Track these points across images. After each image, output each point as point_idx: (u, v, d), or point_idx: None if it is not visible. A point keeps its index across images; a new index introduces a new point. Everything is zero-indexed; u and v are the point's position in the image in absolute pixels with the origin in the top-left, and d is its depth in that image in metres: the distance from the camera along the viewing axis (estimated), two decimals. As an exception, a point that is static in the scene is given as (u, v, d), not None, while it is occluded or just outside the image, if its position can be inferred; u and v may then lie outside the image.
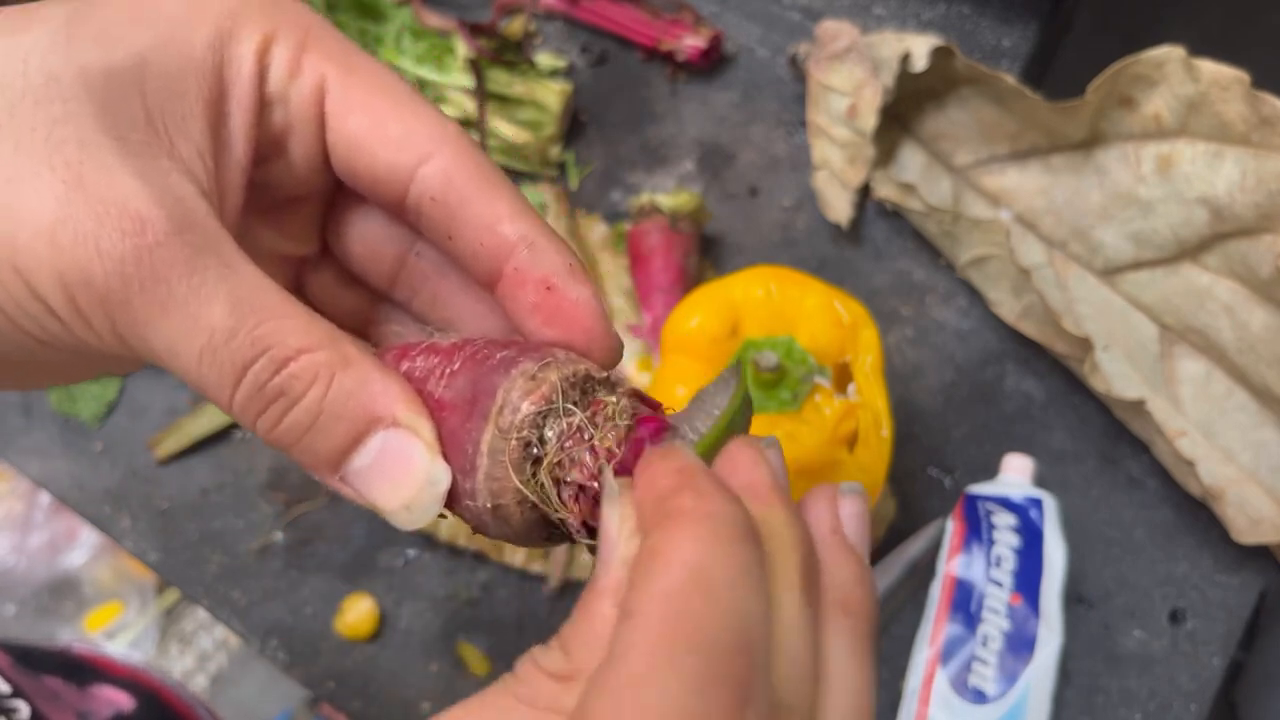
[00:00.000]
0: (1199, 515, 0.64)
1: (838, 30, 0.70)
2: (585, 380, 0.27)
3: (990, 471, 0.63)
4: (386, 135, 0.27)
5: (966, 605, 0.58)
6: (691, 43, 0.74)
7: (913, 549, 0.61)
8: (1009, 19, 0.74)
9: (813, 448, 0.52)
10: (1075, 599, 0.63)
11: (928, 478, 0.66)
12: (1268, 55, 0.60)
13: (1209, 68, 0.57)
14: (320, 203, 0.31)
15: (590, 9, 0.76)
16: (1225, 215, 0.59)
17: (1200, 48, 0.57)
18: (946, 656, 0.57)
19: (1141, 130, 0.61)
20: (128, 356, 0.26)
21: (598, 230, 0.71)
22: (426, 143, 0.28)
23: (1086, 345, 0.61)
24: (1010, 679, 0.56)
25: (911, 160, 0.70)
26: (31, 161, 0.24)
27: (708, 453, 0.26)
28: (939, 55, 0.65)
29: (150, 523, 0.69)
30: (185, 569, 0.68)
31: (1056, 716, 0.60)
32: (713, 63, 0.75)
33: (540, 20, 0.78)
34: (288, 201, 0.31)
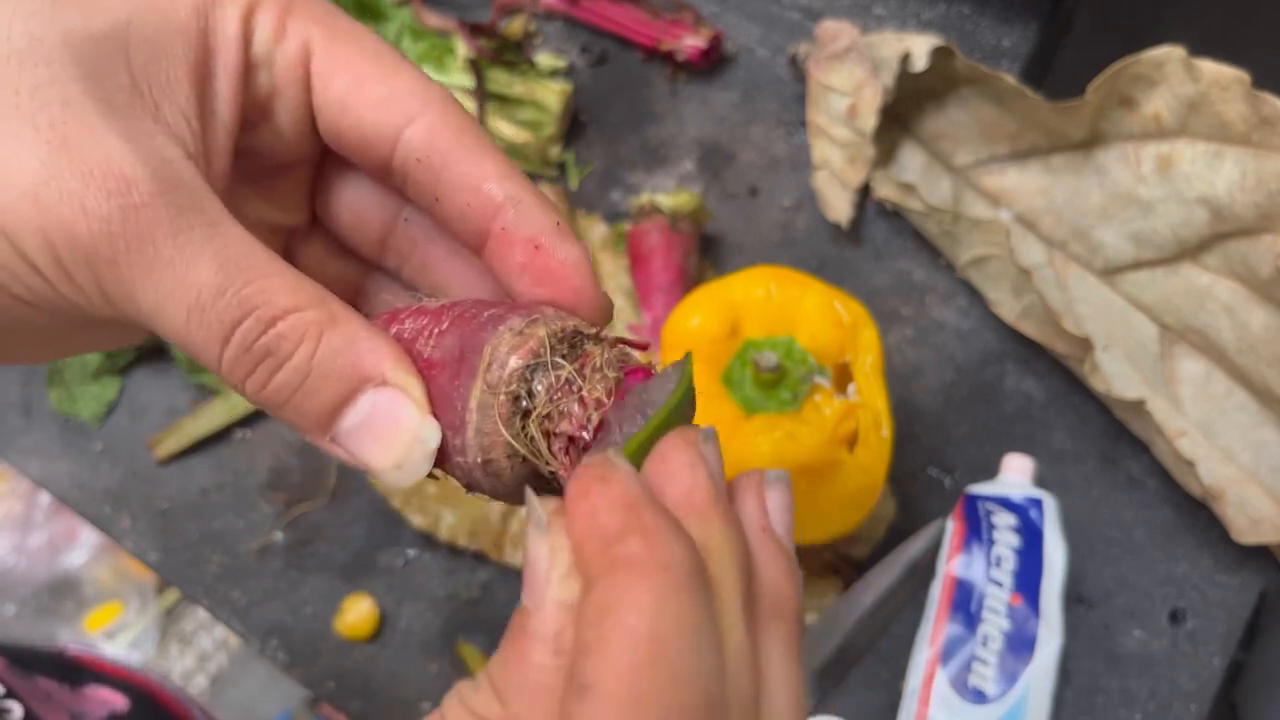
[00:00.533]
0: (1199, 515, 0.64)
1: (838, 30, 0.70)
2: (574, 335, 0.27)
3: (990, 471, 0.63)
4: (371, 96, 0.27)
5: (966, 605, 0.58)
6: (691, 43, 0.74)
7: (913, 549, 0.61)
8: (1009, 19, 0.74)
9: (813, 448, 0.52)
10: (1075, 599, 0.63)
11: (928, 478, 0.66)
12: (1268, 55, 0.60)
13: (1209, 68, 0.57)
14: (308, 171, 0.31)
15: (590, 9, 0.76)
16: (1225, 215, 0.59)
17: (1200, 48, 0.57)
18: (946, 656, 0.57)
19: (1141, 130, 0.61)
20: (115, 320, 0.26)
21: (598, 230, 0.71)
22: (411, 103, 0.28)
23: (1086, 345, 0.61)
24: (1010, 679, 0.56)
25: (911, 160, 0.70)
26: (15, 123, 0.24)
27: (641, 449, 0.26)
28: (939, 55, 0.65)
29: (150, 523, 0.69)
30: (185, 569, 0.68)
31: (1056, 716, 0.60)
32: (713, 63, 0.75)
33: (540, 20, 0.78)
34: (276, 170, 0.31)
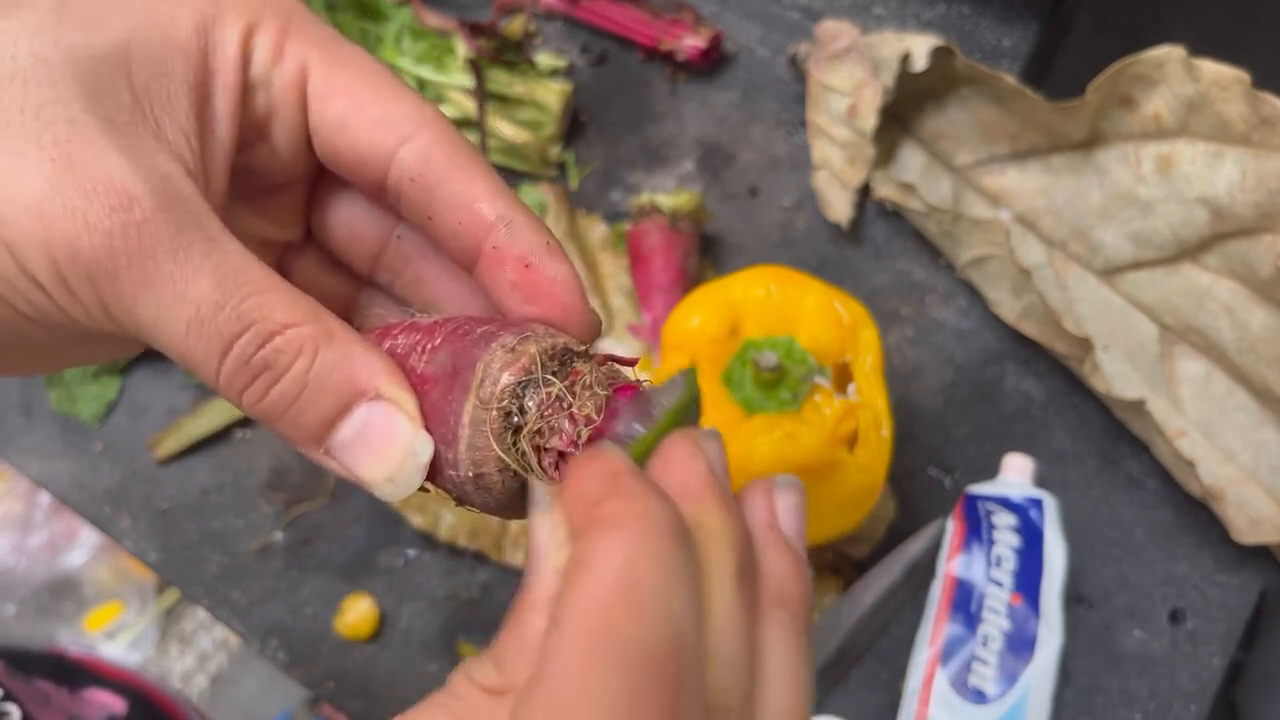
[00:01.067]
0: (1199, 515, 0.64)
1: (838, 30, 0.70)
2: (564, 352, 0.27)
3: (990, 471, 0.63)
4: (367, 117, 0.28)
5: (966, 605, 0.58)
6: (691, 43, 0.74)
7: (913, 549, 0.61)
8: (1009, 19, 0.74)
9: (813, 448, 0.52)
10: (1075, 599, 0.63)
11: (928, 478, 0.66)
12: (1268, 55, 0.60)
13: (1209, 68, 0.57)
14: (303, 188, 0.32)
15: (590, 9, 0.76)
16: (1225, 215, 0.59)
17: (1200, 48, 0.57)
18: (946, 656, 0.57)
19: (1141, 130, 0.61)
20: (115, 334, 0.26)
21: (598, 230, 0.71)
22: (406, 124, 0.28)
23: (1086, 345, 0.61)
24: (1010, 679, 0.56)
25: (911, 160, 0.70)
26: (20, 140, 0.24)
27: (646, 453, 0.26)
28: (939, 55, 0.65)
29: (150, 523, 0.69)
30: (185, 569, 0.68)
31: (1056, 716, 0.60)
32: (713, 63, 0.75)
33: (540, 20, 0.78)
34: (272, 187, 0.31)
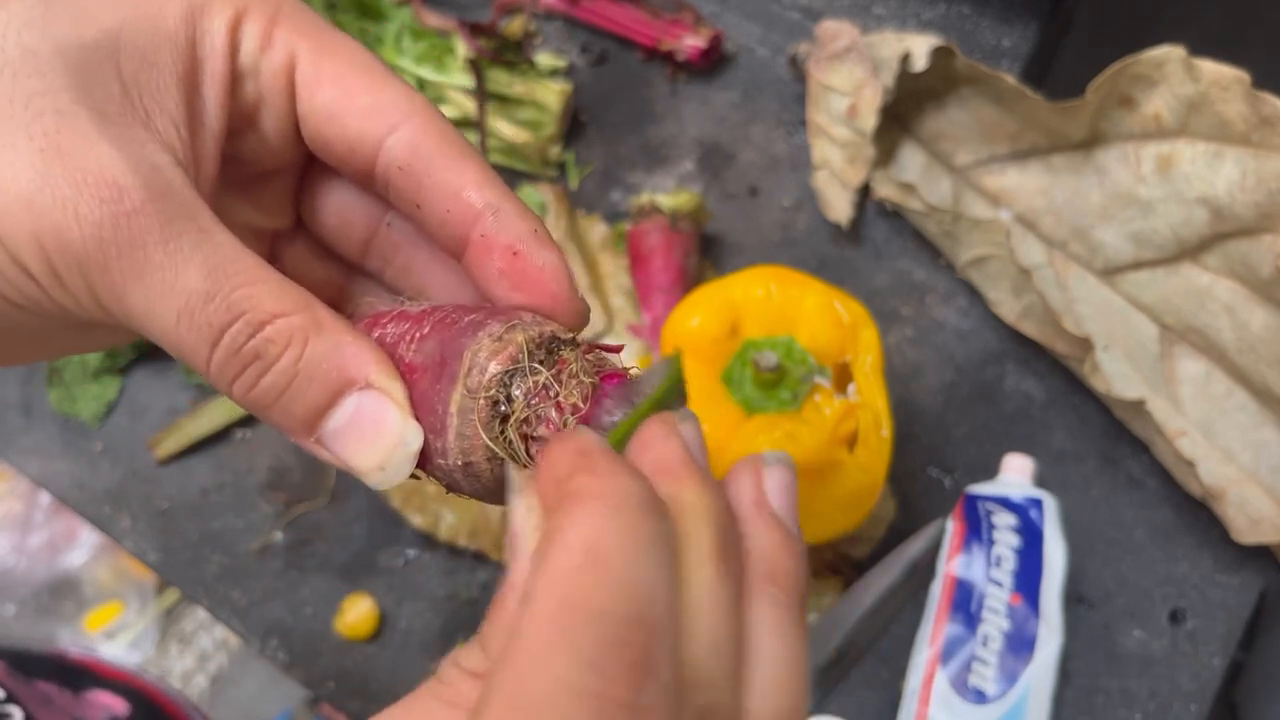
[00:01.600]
0: (1199, 515, 0.64)
1: (838, 30, 0.70)
2: (551, 341, 0.27)
3: (990, 471, 0.63)
4: (356, 106, 0.28)
5: (966, 605, 0.58)
6: (691, 43, 0.74)
7: (913, 549, 0.61)
8: (1009, 19, 0.74)
9: (813, 448, 0.52)
10: (1075, 599, 0.63)
11: (928, 478, 0.66)
12: (1268, 55, 0.60)
13: (1209, 68, 0.57)
14: (293, 176, 0.32)
15: (590, 9, 0.76)
16: (1225, 215, 0.59)
17: (1200, 48, 0.57)
18: (946, 656, 0.57)
19: (1141, 130, 0.61)
20: (105, 323, 0.26)
21: (598, 230, 0.71)
22: (394, 113, 0.28)
23: (1086, 345, 0.61)
24: (1010, 679, 0.56)
25: (911, 160, 0.70)
26: (10, 132, 0.24)
27: (625, 437, 0.26)
28: (939, 55, 0.65)
29: (150, 523, 0.69)
30: (185, 569, 0.68)
31: (1056, 716, 0.60)
32: (713, 63, 0.75)
33: (540, 20, 0.78)
34: (261, 176, 0.31)
